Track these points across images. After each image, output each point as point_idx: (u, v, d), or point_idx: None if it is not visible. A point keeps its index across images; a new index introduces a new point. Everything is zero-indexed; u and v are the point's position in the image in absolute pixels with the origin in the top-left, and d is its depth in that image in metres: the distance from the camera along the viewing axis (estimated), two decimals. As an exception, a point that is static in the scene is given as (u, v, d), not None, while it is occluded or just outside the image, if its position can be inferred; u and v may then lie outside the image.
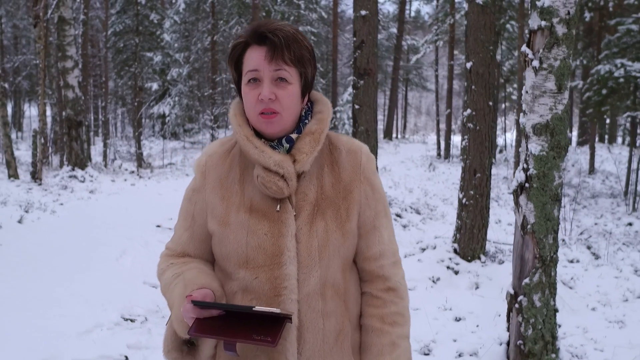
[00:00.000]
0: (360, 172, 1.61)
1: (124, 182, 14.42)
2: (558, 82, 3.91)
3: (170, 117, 28.66)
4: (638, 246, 8.43)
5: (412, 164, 21.24)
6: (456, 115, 42.15)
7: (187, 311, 1.40)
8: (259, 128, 1.52)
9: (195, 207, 1.61)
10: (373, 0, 8.59)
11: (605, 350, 5.11)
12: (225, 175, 1.59)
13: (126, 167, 18.58)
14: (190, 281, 1.50)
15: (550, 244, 4.12)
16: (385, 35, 41.95)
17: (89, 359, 4.24)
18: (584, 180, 15.78)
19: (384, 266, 1.63)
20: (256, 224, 1.50)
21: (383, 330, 1.61)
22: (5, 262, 6.18)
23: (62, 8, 13.03)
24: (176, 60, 28.02)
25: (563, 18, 3.84)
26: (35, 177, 11.95)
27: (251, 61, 1.48)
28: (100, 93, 30.26)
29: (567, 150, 4.08)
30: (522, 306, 4.24)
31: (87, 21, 18.29)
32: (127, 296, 5.56)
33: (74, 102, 13.80)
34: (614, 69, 11.66)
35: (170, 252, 1.68)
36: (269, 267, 1.48)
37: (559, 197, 4.11)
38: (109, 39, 25.64)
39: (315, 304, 1.52)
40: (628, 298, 6.52)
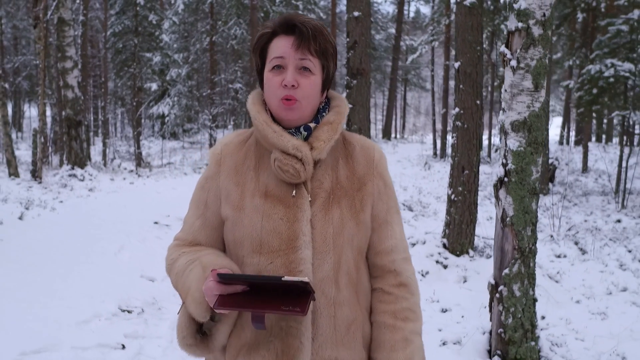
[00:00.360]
0: (373, 167, 1.64)
1: (123, 180, 14.61)
2: (535, 80, 4.09)
3: (169, 117, 28.82)
4: (624, 242, 8.61)
5: (408, 163, 21.43)
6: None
7: (210, 289, 1.40)
8: (278, 114, 1.54)
9: (209, 194, 1.62)
10: (366, 2, 8.77)
11: (585, 340, 5.29)
12: (241, 163, 1.61)
13: (125, 166, 18.76)
14: (209, 263, 1.50)
15: (528, 235, 4.30)
16: (384, 36, 42.14)
17: (87, 347, 4.42)
18: (577, 178, 15.97)
19: (396, 261, 1.65)
20: (271, 209, 1.52)
21: (396, 326, 1.61)
22: (6, 256, 6.36)
23: (62, 9, 13.21)
24: (175, 60, 28.18)
25: (539, 20, 4.02)
26: (35, 176, 12.14)
27: (277, 49, 1.52)
28: (99, 93, 30.43)
29: (544, 146, 4.25)
30: (502, 296, 4.42)
31: (86, 22, 18.46)
32: (125, 289, 5.74)
33: (73, 102, 13.97)
34: (604, 69, 11.85)
35: (181, 242, 1.68)
36: (284, 251, 1.49)
37: (537, 191, 4.29)
38: (108, 40, 25.80)
39: (328, 290, 1.53)
40: (612, 291, 6.70)
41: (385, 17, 44.06)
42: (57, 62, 14.56)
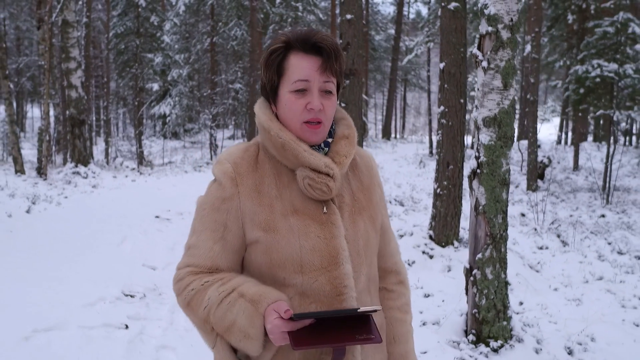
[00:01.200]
0: (373, 176, 1.70)
1: (125, 178, 14.97)
2: (504, 80, 4.44)
3: (170, 117, 29.18)
4: (605, 235, 8.97)
5: (404, 161, 21.78)
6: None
7: (278, 327, 1.36)
8: (301, 136, 1.52)
9: (229, 216, 1.54)
10: (358, 5, 9.12)
11: (558, 323, 5.65)
12: (260, 182, 1.54)
13: (127, 164, 19.12)
14: (257, 295, 1.44)
15: (499, 223, 4.65)
16: (383, 37, 42.49)
17: (93, 326, 4.77)
18: (568, 176, 16.32)
19: (397, 262, 1.76)
20: (306, 227, 1.50)
21: (403, 320, 1.73)
22: (15, 246, 6.71)
23: (66, 11, 13.58)
24: (176, 61, 28.54)
25: (507, 24, 4.37)
26: (40, 173, 12.52)
27: (302, 70, 1.48)
28: (101, 94, 30.79)
29: (513, 140, 4.60)
30: (476, 279, 4.77)
31: (89, 24, 18.82)
32: (128, 276, 6.09)
33: (77, 102, 14.34)
34: (590, 69, 12.20)
35: (197, 269, 1.56)
36: (326, 268, 1.49)
37: (507, 181, 4.64)
38: (111, 41, 26.16)
39: (366, 300, 1.57)
40: (588, 280, 7.05)
41: (385, 18, 44.41)
42: (61, 63, 14.93)
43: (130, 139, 27.18)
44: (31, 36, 34.51)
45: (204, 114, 26.60)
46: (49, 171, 13.60)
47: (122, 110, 36.73)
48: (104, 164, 17.98)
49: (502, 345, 4.74)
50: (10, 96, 12.67)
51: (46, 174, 12.55)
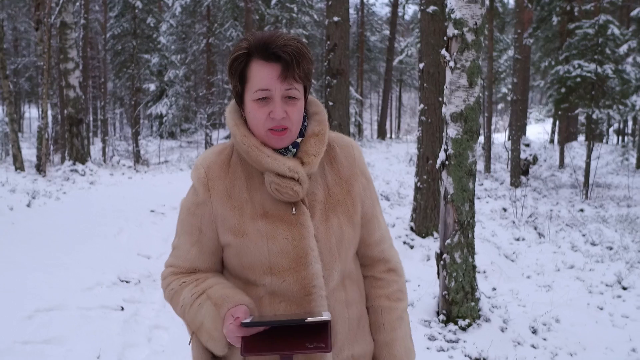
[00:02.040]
0: (355, 166, 1.66)
1: (122, 175, 15.31)
2: (469, 79, 4.81)
3: (167, 117, 29.50)
4: (580, 227, 9.35)
5: (395, 159, 22.13)
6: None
7: (232, 332, 1.41)
8: (266, 142, 1.52)
9: (202, 221, 1.58)
10: (344, 8, 9.49)
11: (526, 306, 6.02)
12: (231, 186, 1.57)
13: (124, 163, 19.47)
14: (221, 299, 1.50)
15: (466, 210, 5.02)
16: (379, 38, 42.82)
17: (91, 307, 5.12)
18: (553, 173, 16.73)
19: (385, 250, 1.72)
20: (274, 230, 1.51)
21: (391, 307, 1.70)
22: (17, 236, 7.05)
23: (64, 13, 13.92)
24: (172, 62, 28.87)
25: (472, 27, 4.73)
26: (40, 170, 12.86)
27: (261, 79, 1.47)
28: (98, 94, 31.11)
29: (479, 134, 4.97)
30: (446, 263, 5.13)
31: (87, 25, 19.15)
32: (123, 264, 6.44)
33: (75, 101, 14.67)
34: (571, 69, 12.59)
35: (177, 269, 1.64)
36: (295, 269, 1.50)
37: (473, 172, 5.00)
38: (108, 42, 26.48)
39: (339, 295, 1.58)
40: (560, 268, 7.42)
41: (381, 19, 44.75)
42: (59, 63, 15.26)
43: (127, 139, 27.51)
44: (29, 37, 34.81)
45: (200, 113, 26.94)
46: (47, 169, 13.95)
47: (119, 111, 37.01)
48: (101, 162, 18.32)
49: (470, 324, 5.11)
50: (10, 95, 13.00)
51: (45, 171, 12.91)
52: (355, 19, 41.58)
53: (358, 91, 37.35)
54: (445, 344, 4.87)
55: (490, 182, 14.88)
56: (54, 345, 4.37)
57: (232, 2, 29.72)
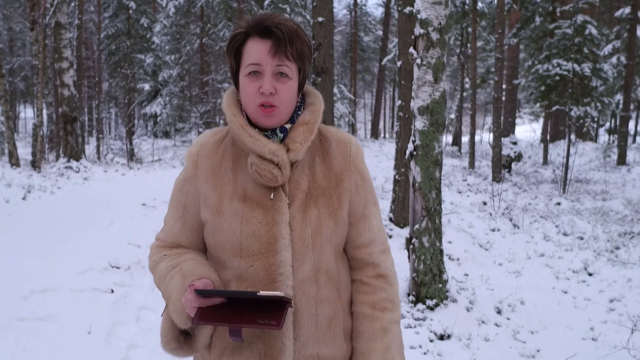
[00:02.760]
0: (350, 162, 1.63)
1: (115, 172, 15.62)
2: (435, 75, 5.15)
3: (161, 117, 29.79)
4: (554, 219, 9.72)
5: (384, 157, 22.51)
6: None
7: (189, 301, 1.42)
8: (256, 119, 1.53)
9: (187, 197, 1.61)
10: (329, 9, 9.82)
11: (494, 290, 6.37)
12: (218, 165, 1.59)
13: (117, 160, 19.77)
14: (189, 272, 1.51)
15: (433, 198, 5.36)
16: (372, 38, 43.18)
17: (83, 290, 5.44)
18: (537, 170, 17.11)
19: (373, 253, 1.66)
20: (250, 212, 1.51)
21: (374, 316, 1.62)
22: (13, 227, 7.36)
23: (59, 14, 14.21)
24: (166, 62, 29.16)
25: (436, 27, 5.08)
26: (35, 166, 13.16)
27: (253, 54, 1.48)
28: (93, 94, 31.35)
29: (444, 126, 5.31)
30: (415, 247, 5.48)
31: (81, 25, 19.45)
32: (114, 252, 6.75)
33: (69, 100, 14.97)
34: (551, 68, 12.97)
35: (162, 243, 1.68)
36: (264, 254, 1.50)
37: (439, 162, 5.35)
38: (102, 42, 26.76)
39: (309, 290, 1.54)
40: (531, 256, 7.78)
41: (374, 20, 45.09)
42: (54, 63, 15.55)
43: (122, 138, 27.79)
44: (24, 37, 35.04)
45: (193, 112, 27.25)
46: (42, 166, 14.26)
47: (113, 110, 37.25)
48: (95, 160, 18.61)
49: (438, 304, 5.45)
50: (6, 94, 13.30)
51: (40, 167, 13.22)
52: (348, 20, 41.98)
53: (351, 91, 37.70)
54: (413, 322, 5.21)
55: (473, 178, 15.26)
56: (47, 322, 4.69)
57: (226, 2, 30.01)
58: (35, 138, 13.31)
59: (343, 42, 43.74)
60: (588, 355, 4.97)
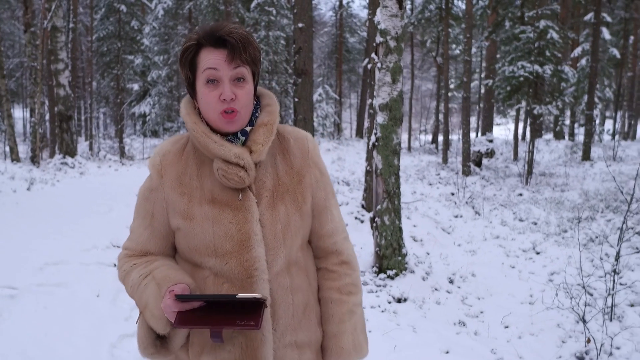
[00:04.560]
0: (308, 158, 1.69)
1: (109, 168, 16.35)
2: (392, 77, 5.97)
3: (150, 116, 30.39)
4: (512, 207, 10.60)
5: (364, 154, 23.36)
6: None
7: (169, 306, 1.45)
8: (218, 126, 1.56)
9: (155, 205, 1.63)
10: (308, 16, 10.62)
11: (450, 265, 7.20)
12: (183, 172, 1.61)
13: (110, 157, 20.46)
14: (164, 279, 1.53)
15: (392, 182, 6.19)
16: (357, 39, 43.89)
17: (90, 263, 6.21)
18: (507, 165, 18.03)
19: (337, 242, 1.74)
20: (220, 214, 1.55)
21: (341, 300, 1.71)
22: (22, 213, 8.11)
23: (55, 18, 14.92)
24: (155, 62, 29.80)
25: (393, 36, 5.90)
26: (34, 161, 13.88)
27: (209, 61, 1.51)
28: (82, 94, 31.90)
29: (402, 121, 6.14)
30: (377, 225, 6.30)
31: (75, 29, 20.14)
32: (115, 233, 7.51)
33: (64, 99, 15.66)
34: (515, 70, 13.89)
35: (130, 252, 1.69)
36: (238, 252, 1.53)
37: (397, 151, 6.17)
38: (93, 43, 27.38)
39: (283, 281, 1.60)
40: (487, 238, 8.63)
41: (360, 21, 45.79)
42: (50, 64, 16.24)
43: (111, 137, 28.38)
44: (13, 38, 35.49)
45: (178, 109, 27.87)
46: (40, 162, 14.97)
47: (103, 110, 37.75)
48: (89, 157, 19.31)
49: (397, 274, 6.28)
50: (7, 93, 14.00)
51: (39, 162, 13.94)
52: (334, 21, 42.72)
53: (337, 91, 38.43)
54: (375, 288, 6.03)
55: (446, 172, 16.15)
56: (62, 288, 5.46)
57: (213, 5, 30.68)
58: (34, 135, 14.02)
59: (329, 43, 44.41)
60: (523, 314, 5.82)
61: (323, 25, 48.35)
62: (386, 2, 5.78)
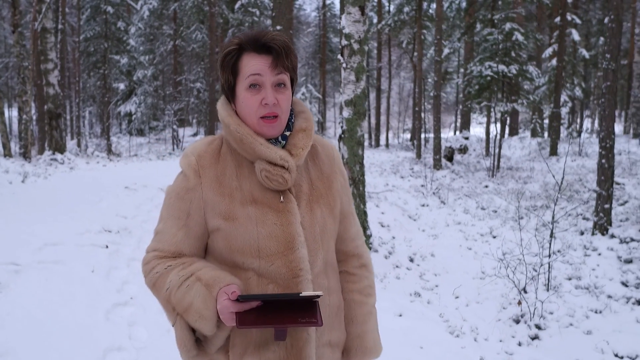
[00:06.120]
0: (335, 165, 1.75)
1: (97, 164, 16.86)
2: (356, 75, 6.63)
3: (136, 115, 30.79)
4: (476, 197, 11.32)
5: (346, 151, 24.02)
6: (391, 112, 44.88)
7: (226, 307, 1.44)
8: (258, 130, 1.58)
9: (192, 205, 1.61)
10: (287, 18, 11.27)
11: (412, 246, 7.88)
12: (222, 173, 1.61)
13: (98, 154, 20.97)
14: (213, 279, 1.53)
15: (357, 170, 6.85)
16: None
17: (84, 245, 6.80)
18: (479, 160, 18.80)
19: (359, 246, 1.81)
20: (264, 215, 1.56)
21: (362, 302, 1.77)
22: (19, 202, 8.67)
23: (45, 20, 15.45)
24: (141, 62, 30.25)
25: (357, 39, 6.56)
26: (25, 157, 14.40)
27: (253, 66, 1.54)
28: (69, 94, 32.24)
29: (365, 115, 6.80)
30: (344, 209, 6.95)
31: (64, 30, 20.62)
32: (106, 220, 8.09)
33: (54, 97, 16.18)
34: (483, 70, 14.64)
35: (162, 253, 1.65)
36: (283, 253, 1.56)
37: (362, 142, 6.83)
38: (80, 44, 27.79)
39: (323, 282, 1.65)
40: (449, 224, 9.32)
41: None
42: (40, 64, 16.74)
43: (97, 136, 28.80)
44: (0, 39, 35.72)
45: (167, 110, 28.37)
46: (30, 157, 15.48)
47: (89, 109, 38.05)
48: (77, 153, 19.79)
49: (362, 253, 6.94)
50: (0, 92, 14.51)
51: (30, 158, 14.47)
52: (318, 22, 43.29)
53: (320, 91, 39.03)
54: (342, 265, 6.68)
55: (419, 167, 16.87)
56: (60, 265, 6.05)
57: (198, 6, 31.16)
58: (25, 132, 14.55)
59: (312, 43, 44.94)
60: (473, 287, 6.51)
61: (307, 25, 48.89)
62: (350, 9, 6.43)
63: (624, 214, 9.23)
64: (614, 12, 7.49)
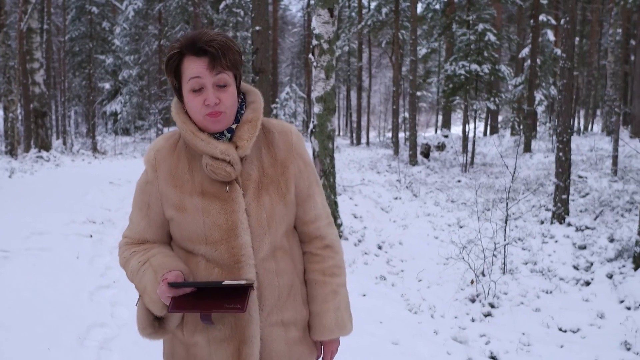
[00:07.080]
0: (292, 150, 1.78)
1: (82, 161, 17.14)
2: (326, 73, 7.02)
3: (121, 115, 30.98)
4: (446, 191, 11.77)
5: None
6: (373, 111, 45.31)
7: (164, 292, 1.56)
8: (204, 126, 1.65)
9: (150, 197, 1.74)
10: (264, 20, 11.63)
11: (381, 235, 8.27)
12: (175, 167, 1.71)
13: (83, 152, 21.21)
14: (159, 266, 1.65)
15: (328, 162, 7.24)
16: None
17: (69, 234, 7.13)
18: (456, 157, 19.29)
19: (320, 227, 1.84)
20: (209, 205, 1.65)
21: (325, 282, 1.82)
22: (7, 196, 8.96)
23: (30, 20, 15.70)
24: (126, 62, 30.45)
25: (326, 39, 6.95)
26: (12, 154, 14.66)
27: (192, 69, 1.59)
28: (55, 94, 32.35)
29: (335, 111, 7.19)
30: (316, 199, 7.34)
31: (50, 30, 20.85)
32: (90, 212, 8.42)
33: (40, 96, 16.44)
34: (457, 69, 15.13)
35: (130, 240, 1.81)
36: (226, 240, 1.64)
37: (332, 136, 7.22)
38: (66, 44, 27.95)
39: (269, 265, 1.71)
40: (419, 216, 9.74)
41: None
42: (26, 64, 16.99)
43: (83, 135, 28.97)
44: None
45: (152, 109, 28.60)
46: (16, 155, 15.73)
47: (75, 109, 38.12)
48: (63, 151, 20.02)
49: (333, 241, 7.33)
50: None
51: (17, 155, 14.73)
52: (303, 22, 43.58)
53: (305, 90, 39.37)
54: (313, 251, 7.08)
55: (396, 163, 17.34)
56: (46, 252, 6.38)
57: (182, 6, 31.38)
58: (12, 130, 14.82)
59: (297, 43, 45.23)
60: (436, 271, 6.92)
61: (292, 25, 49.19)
62: (320, 12, 6.83)
63: (584, 204, 9.72)
64: (569, 14, 7.94)
